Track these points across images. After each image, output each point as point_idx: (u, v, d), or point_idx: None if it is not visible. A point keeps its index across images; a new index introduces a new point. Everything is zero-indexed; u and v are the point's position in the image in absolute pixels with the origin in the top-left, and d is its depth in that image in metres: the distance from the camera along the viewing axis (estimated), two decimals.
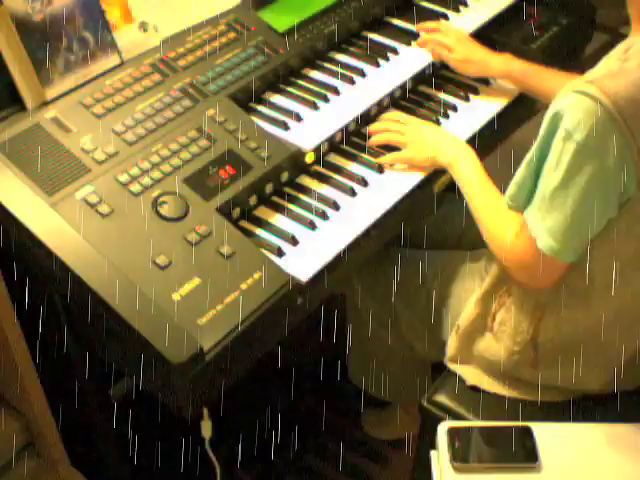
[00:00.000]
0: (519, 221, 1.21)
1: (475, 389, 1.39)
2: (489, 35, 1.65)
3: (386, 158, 1.40)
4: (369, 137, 1.45)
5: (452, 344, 1.42)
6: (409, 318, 1.57)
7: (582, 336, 1.28)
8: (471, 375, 1.40)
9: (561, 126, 1.09)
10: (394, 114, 1.50)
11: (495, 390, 1.38)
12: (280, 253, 1.21)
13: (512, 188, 1.23)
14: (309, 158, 1.36)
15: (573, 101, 1.08)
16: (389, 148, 1.43)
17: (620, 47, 1.19)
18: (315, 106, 1.43)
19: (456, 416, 1.35)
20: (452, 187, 1.42)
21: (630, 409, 1.31)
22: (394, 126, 1.45)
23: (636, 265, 1.21)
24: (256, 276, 1.12)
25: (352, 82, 1.50)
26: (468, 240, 1.63)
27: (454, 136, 1.44)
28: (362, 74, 1.52)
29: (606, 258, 1.19)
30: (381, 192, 1.35)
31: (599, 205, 1.12)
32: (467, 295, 1.42)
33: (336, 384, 1.91)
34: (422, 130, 1.44)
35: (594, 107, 1.05)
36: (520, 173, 1.21)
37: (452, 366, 1.42)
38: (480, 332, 1.38)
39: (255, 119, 1.36)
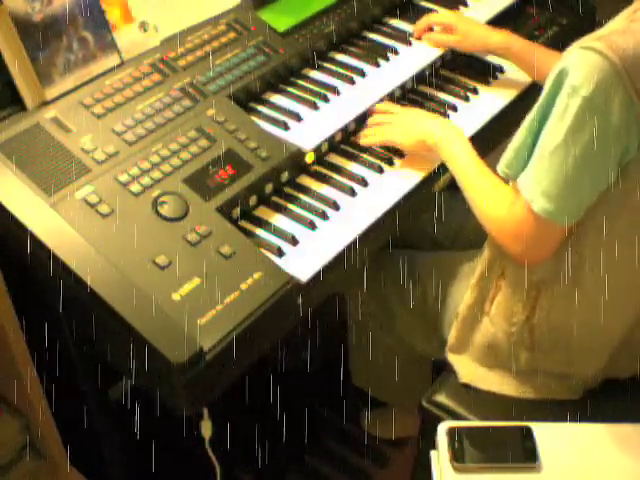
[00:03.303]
0: (513, 192, 1.19)
1: (469, 387, 1.39)
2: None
3: (370, 139, 1.40)
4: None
5: (452, 333, 1.41)
6: (407, 318, 1.57)
7: (577, 317, 1.26)
8: (466, 371, 1.39)
9: (566, 82, 1.07)
10: (381, 105, 1.48)
11: (488, 387, 1.37)
12: (280, 253, 1.21)
13: (509, 153, 1.20)
14: (309, 158, 1.36)
15: (580, 56, 1.06)
16: (386, 149, 1.43)
17: (629, 9, 1.17)
18: (315, 106, 1.43)
19: (456, 416, 1.35)
20: (450, 185, 1.42)
21: (630, 409, 1.31)
22: (381, 118, 1.45)
23: (629, 241, 1.19)
24: (256, 276, 1.12)
25: (352, 82, 1.50)
26: (464, 238, 1.64)
27: (440, 117, 1.44)
28: (362, 74, 1.52)
29: (598, 231, 1.17)
30: (381, 192, 1.35)
31: (599, 166, 1.10)
32: (464, 294, 1.41)
33: (336, 384, 1.91)
34: (408, 113, 1.44)
35: (601, 62, 1.04)
36: (518, 137, 1.18)
37: (451, 357, 1.42)
38: (478, 318, 1.37)
39: (255, 119, 1.37)
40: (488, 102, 1.58)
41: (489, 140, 1.53)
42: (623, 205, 1.16)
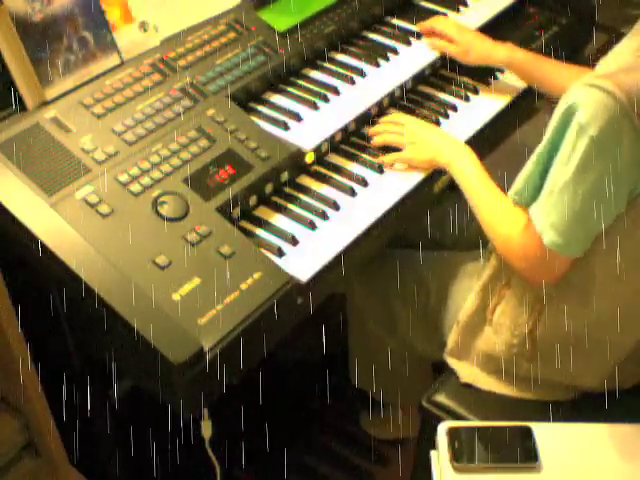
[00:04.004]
0: (523, 216, 1.20)
1: (470, 387, 1.39)
2: (489, 35, 1.65)
3: (386, 158, 1.40)
4: (369, 139, 1.46)
5: (452, 337, 1.41)
6: (408, 318, 1.57)
7: (581, 332, 1.27)
8: (466, 372, 1.40)
9: (574, 120, 1.08)
10: (393, 116, 1.49)
11: (491, 388, 1.37)
12: (280, 253, 1.21)
13: (519, 182, 1.22)
14: (309, 158, 1.36)
15: (588, 95, 1.07)
16: (390, 149, 1.43)
17: (636, 42, 1.17)
18: (315, 106, 1.43)
19: (456, 416, 1.35)
20: (451, 187, 1.42)
21: (630, 409, 1.31)
22: (393, 127, 1.45)
23: (637, 262, 1.21)
24: (256, 276, 1.12)
25: (352, 82, 1.50)
26: (466, 239, 1.63)
27: (452, 136, 1.44)
28: (362, 74, 1.52)
29: (608, 253, 1.19)
30: (381, 192, 1.35)
31: (608, 201, 1.10)
32: (466, 295, 1.42)
33: (337, 384, 1.91)
34: (420, 130, 1.44)
35: (609, 102, 1.04)
36: (528, 167, 1.20)
37: (450, 360, 1.42)
38: (480, 325, 1.37)
39: (255, 119, 1.36)
40: (488, 102, 1.58)
41: (489, 140, 1.53)
42: (632, 231, 1.17)
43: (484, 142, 1.49)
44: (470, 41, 1.58)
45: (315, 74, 1.53)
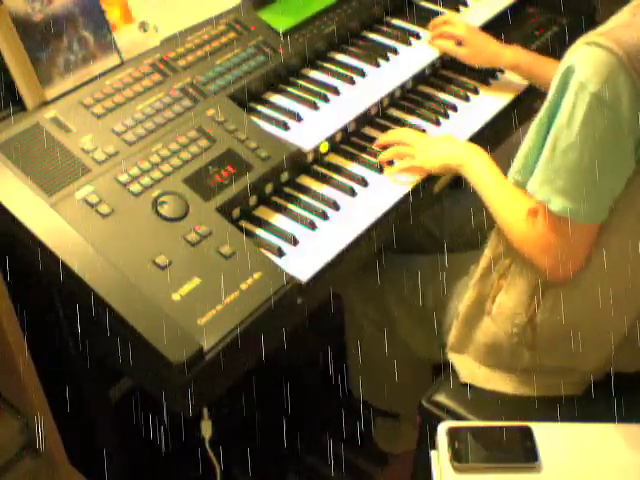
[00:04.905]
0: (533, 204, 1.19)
1: (470, 387, 1.38)
2: (489, 35, 1.65)
3: (395, 168, 1.38)
4: (370, 139, 1.45)
5: (452, 333, 1.41)
6: (406, 321, 1.56)
7: (580, 316, 1.26)
8: (466, 371, 1.39)
9: (574, 79, 1.07)
10: (399, 133, 1.46)
11: (490, 385, 1.37)
12: (280, 253, 1.21)
13: (519, 161, 1.20)
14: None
15: (585, 53, 1.06)
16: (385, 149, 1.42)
17: (632, 3, 1.16)
18: (315, 106, 1.43)
19: (456, 416, 1.35)
20: (451, 185, 1.42)
21: (630, 409, 1.31)
22: (403, 137, 1.43)
23: (636, 238, 1.19)
24: (256, 276, 1.12)
25: (352, 82, 1.50)
26: (465, 238, 1.63)
27: (461, 140, 1.43)
28: (362, 74, 1.52)
29: (604, 230, 1.17)
30: (381, 192, 1.35)
31: (615, 160, 1.09)
32: (463, 296, 1.41)
33: (336, 383, 1.91)
34: (430, 138, 1.43)
35: (607, 57, 1.04)
36: (527, 141, 1.18)
37: (451, 356, 1.42)
38: (478, 317, 1.36)
39: (255, 119, 1.37)
40: (488, 102, 1.58)
41: (489, 140, 1.53)
42: (631, 203, 1.15)
43: (484, 142, 1.49)
44: (480, 44, 1.58)
45: (315, 74, 1.53)
